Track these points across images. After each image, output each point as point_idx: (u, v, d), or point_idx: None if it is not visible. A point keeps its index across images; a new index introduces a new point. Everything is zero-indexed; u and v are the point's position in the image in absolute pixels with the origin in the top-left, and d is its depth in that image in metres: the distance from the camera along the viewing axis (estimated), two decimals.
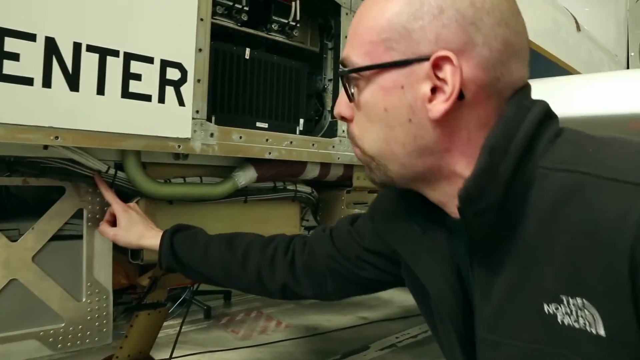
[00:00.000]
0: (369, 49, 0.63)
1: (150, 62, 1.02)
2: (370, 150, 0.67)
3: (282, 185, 1.42)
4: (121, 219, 1.10)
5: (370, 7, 0.65)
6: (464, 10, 0.58)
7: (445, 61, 0.58)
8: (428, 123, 0.61)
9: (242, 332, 3.16)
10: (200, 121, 1.11)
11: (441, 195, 0.66)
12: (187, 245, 1.06)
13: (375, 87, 0.63)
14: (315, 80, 1.53)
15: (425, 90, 0.60)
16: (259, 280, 1.01)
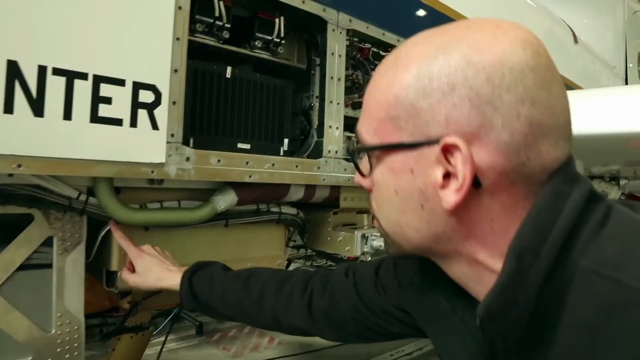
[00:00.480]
0: (377, 126, 0.57)
1: (122, 85, 0.97)
2: (385, 227, 0.63)
3: (266, 207, 1.38)
4: (137, 265, 1.10)
5: (380, 78, 0.59)
6: (478, 87, 0.50)
7: (455, 148, 0.51)
8: (442, 211, 0.54)
9: (233, 349, 3.10)
10: (176, 145, 1.07)
11: (461, 277, 0.60)
12: (206, 287, 1.04)
13: (385, 168, 0.58)
14: (302, 98, 1.49)
15: (436, 175, 0.53)
16: (277, 322, 0.98)
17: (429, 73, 0.53)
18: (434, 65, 0.52)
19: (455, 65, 0.51)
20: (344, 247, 1.45)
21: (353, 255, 1.42)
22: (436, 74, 0.52)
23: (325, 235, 1.51)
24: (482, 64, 0.50)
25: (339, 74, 1.44)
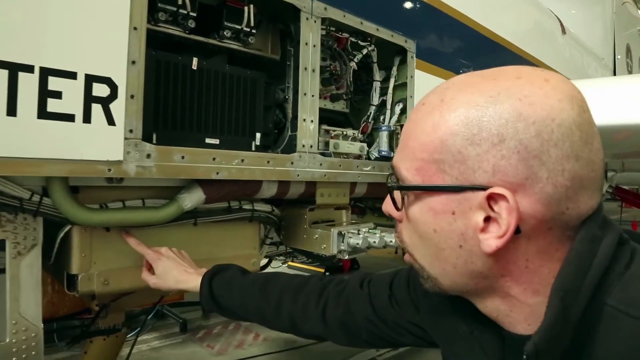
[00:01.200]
0: (420, 165, 0.59)
1: (73, 78, 0.91)
2: (421, 262, 0.65)
3: (237, 204, 1.32)
4: (156, 268, 1.13)
5: (424, 118, 0.59)
6: (527, 141, 0.52)
7: (501, 198, 0.54)
8: (480, 252, 0.57)
9: (217, 347, 3.06)
10: (135, 141, 1.00)
11: (492, 311, 0.63)
12: (225, 291, 1.07)
13: (424, 207, 0.60)
14: (276, 90, 1.43)
15: (477, 220, 0.56)
16: (293, 327, 1.02)
17: (478, 122, 0.54)
18: (485, 115, 0.54)
19: (507, 118, 0.53)
20: (320, 245, 1.40)
21: (329, 253, 1.37)
22: (486, 124, 0.54)
23: (301, 232, 1.45)
24: (533, 118, 0.53)
25: (313, 65, 1.38)
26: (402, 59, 1.74)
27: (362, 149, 1.60)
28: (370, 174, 1.56)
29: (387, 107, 1.74)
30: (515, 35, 2.56)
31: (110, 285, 1.14)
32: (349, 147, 1.56)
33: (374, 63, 1.72)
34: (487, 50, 2.28)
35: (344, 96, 1.66)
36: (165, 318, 3.46)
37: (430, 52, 1.84)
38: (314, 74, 1.38)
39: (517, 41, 2.56)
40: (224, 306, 1.08)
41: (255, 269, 1.42)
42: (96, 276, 1.11)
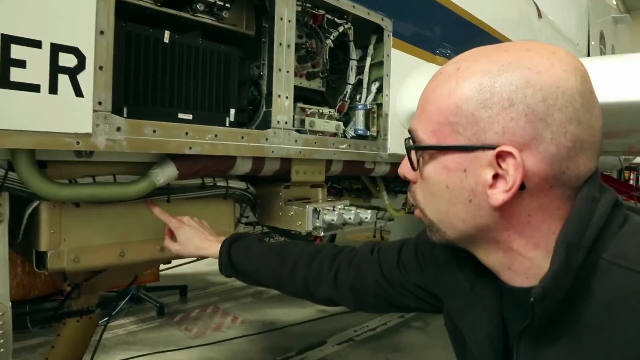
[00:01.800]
0: (436, 128, 0.66)
1: (37, 47, 0.87)
2: (431, 217, 0.71)
3: (212, 181, 1.30)
4: (178, 235, 1.20)
5: (440, 85, 0.66)
6: (535, 105, 0.59)
7: (509, 155, 0.60)
8: (488, 206, 0.64)
9: (195, 330, 3.05)
10: (104, 114, 0.98)
11: (495, 264, 0.70)
12: (243, 257, 1.15)
13: (438, 165, 0.67)
14: (250, 66, 1.41)
15: (487, 176, 0.62)
16: (307, 291, 1.09)
17: (491, 88, 0.61)
18: (496, 82, 0.61)
19: (516, 84, 0.60)
20: (295, 222, 1.39)
21: (305, 230, 1.37)
22: (498, 90, 0.60)
23: (276, 210, 1.44)
24: (540, 85, 0.59)
25: (288, 41, 1.36)
26: (379, 38, 1.73)
27: (338, 128, 1.60)
28: (346, 152, 1.55)
29: (364, 86, 1.74)
30: (492, 18, 2.57)
31: (81, 263, 1.12)
32: (325, 126, 1.56)
33: (351, 41, 1.71)
34: (463, 32, 2.29)
35: (320, 74, 1.64)
36: (142, 302, 3.43)
37: (407, 31, 1.83)
38: (289, 50, 1.37)
39: (494, 23, 2.57)
40: (242, 271, 1.15)
41: None
42: (66, 253, 1.09)
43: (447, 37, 2.13)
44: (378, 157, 1.69)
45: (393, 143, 1.73)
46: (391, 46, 1.73)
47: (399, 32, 1.76)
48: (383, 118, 1.72)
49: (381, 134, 1.71)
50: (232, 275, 1.17)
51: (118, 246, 1.17)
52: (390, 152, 1.72)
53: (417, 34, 1.91)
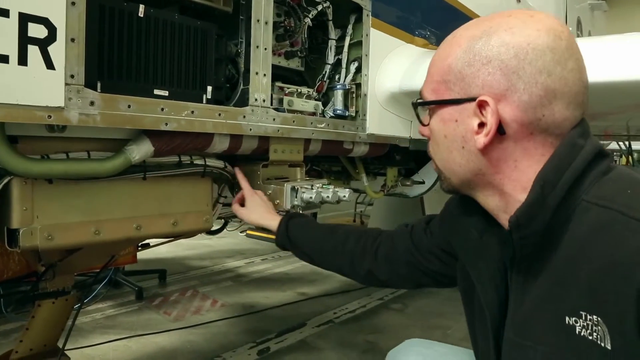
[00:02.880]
0: (435, 87, 0.79)
1: (5, 15, 0.85)
2: (439, 165, 0.84)
3: (189, 159, 1.29)
4: (248, 201, 1.36)
5: (440, 51, 0.80)
6: (508, 60, 0.70)
7: (486, 104, 0.71)
8: (476, 151, 0.74)
9: (174, 313, 3.04)
10: (77, 87, 0.96)
11: (493, 208, 0.79)
12: (300, 228, 1.29)
13: (438, 118, 0.79)
14: (227, 43, 1.39)
15: (473, 124, 0.73)
16: (351, 264, 1.20)
17: (473, 49, 0.73)
18: (478, 44, 0.73)
19: (493, 44, 0.71)
20: (274, 201, 1.39)
21: (283, 208, 1.37)
22: (478, 50, 0.72)
23: (255, 188, 1.43)
24: (512, 43, 0.70)
25: (266, 17, 1.35)
26: (358, 17, 1.72)
27: (317, 107, 1.59)
28: (324, 131, 1.55)
29: (343, 66, 1.73)
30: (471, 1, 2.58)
31: (55, 240, 1.10)
32: (304, 105, 1.55)
33: (330, 21, 1.70)
34: (443, 13, 2.29)
35: (299, 53, 1.63)
36: (120, 286, 3.41)
37: (386, 12, 1.82)
38: (267, 27, 1.35)
39: (473, 6, 2.57)
40: (295, 243, 1.28)
41: (208, 226, 1.41)
42: (39, 230, 1.07)
43: (427, 18, 2.13)
44: (357, 137, 1.69)
45: (372, 123, 1.73)
46: (370, 26, 1.72)
47: (378, 12, 1.76)
48: (362, 98, 1.72)
49: (360, 114, 1.71)
50: (287, 246, 1.30)
51: (93, 224, 1.15)
52: (369, 132, 1.72)
53: (397, 15, 1.91)
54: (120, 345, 2.54)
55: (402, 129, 1.88)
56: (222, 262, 4.32)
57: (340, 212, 6.86)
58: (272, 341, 2.65)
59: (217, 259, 4.43)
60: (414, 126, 1.96)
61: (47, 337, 1.67)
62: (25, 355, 1.63)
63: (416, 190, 2.38)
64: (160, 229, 1.29)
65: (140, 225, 1.23)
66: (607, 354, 0.62)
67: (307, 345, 2.62)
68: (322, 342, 2.65)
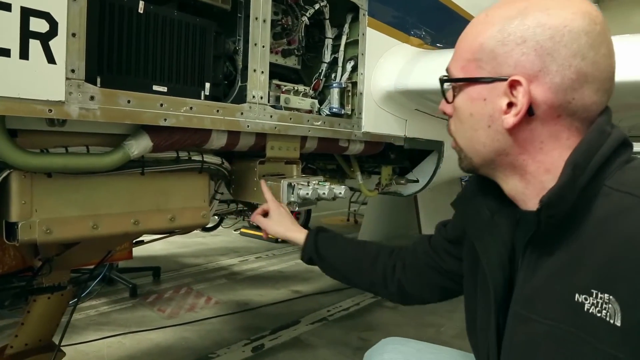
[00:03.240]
0: (464, 64, 0.79)
1: (7, 9, 0.85)
2: (461, 144, 0.84)
3: (187, 155, 1.30)
4: (273, 213, 1.35)
5: (471, 29, 0.79)
6: (543, 42, 0.70)
7: (518, 84, 0.71)
8: (503, 130, 0.75)
9: (168, 311, 3.05)
10: (78, 82, 0.97)
11: (511, 188, 0.80)
12: (328, 243, 1.28)
13: (465, 96, 0.79)
14: (225, 41, 1.40)
15: (502, 104, 0.74)
16: (384, 280, 1.20)
17: (508, 29, 0.72)
18: (513, 23, 0.72)
19: (529, 24, 0.71)
20: None
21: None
22: (513, 30, 0.72)
23: (251, 185, 1.45)
24: (549, 24, 0.70)
25: (264, 15, 1.36)
26: (355, 17, 1.74)
27: (313, 105, 1.61)
28: (321, 129, 1.57)
29: (339, 65, 1.75)
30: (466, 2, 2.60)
31: (54, 234, 1.11)
32: (300, 103, 1.56)
33: (326, 20, 1.71)
34: (438, 14, 2.31)
35: (296, 52, 1.64)
36: (114, 284, 3.40)
37: (382, 11, 1.84)
38: (265, 25, 1.37)
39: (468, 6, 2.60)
40: (324, 256, 1.26)
41: (205, 222, 1.41)
42: (38, 224, 1.07)
43: (422, 18, 2.15)
44: (352, 134, 1.71)
45: (367, 121, 1.75)
46: (367, 25, 1.74)
47: (374, 11, 1.77)
48: (358, 97, 1.74)
49: (355, 112, 1.73)
50: (314, 261, 1.28)
51: (91, 218, 1.16)
52: (364, 130, 1.74)
53: (392, 15, 1.92)
54: (114, 341, 2.54)
55: (397, 128, 1.90)
56: (216, 260, 4.33)
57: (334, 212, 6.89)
58: (266, 338, 2.66)
59: (211, 257, 4.43)
60: (409, 125, 1.98)
61: (42, 332, 1.68)
62: (20, 350, 1.63)
63: (410, 189, 2.40)
64: (157, 224, 1.30)
65: (138, 220, 1.24)
66: (616, 330, 0.63)
67: (301, 342, 2.64)
68: (316, 340, 2.67)
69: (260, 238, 5.22)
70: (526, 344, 0.76)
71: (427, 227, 4.13)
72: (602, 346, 0.65)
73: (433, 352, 1.15)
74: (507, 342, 0.80)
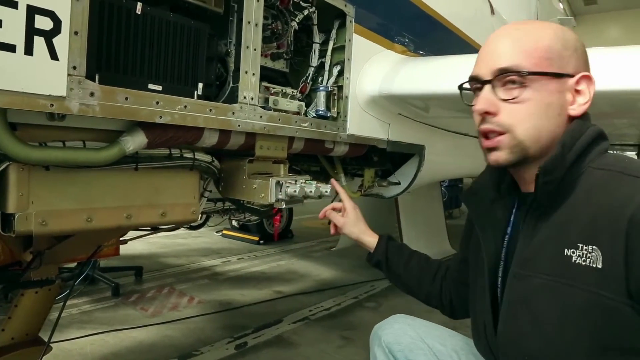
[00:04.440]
0: (537, 61, 0.89)
1: (14, 7, 0.90)
2: (522, 134, 0.90)
3: (179, 152, 1.34)
4: (351, 214, 1.41)
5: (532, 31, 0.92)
6: (582, 52, 0.93)
7: (584, 79, 0.90)
8: (566, 118, 0.91)
9: (151, 309, 3.06)
10: (79, 78, 1.01)
11: (529, 177, 0.93)
12: (397, 251, 1.36)
13: (542, 88, 0.89)
14: (218, 43, 1.45)
15: (569, 96, 0.90)
16: (440, 294, 1.29)
17: (562, 38, 0.91)
18: (564, 34, 0.92)
19: (572, 37, 0.93)
20: (258, 195, 1.45)
21: (268, 202, 1.43)
22: (566, 40, 0.91)
23: (240, 183, 1.50)
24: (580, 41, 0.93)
25: (256, 20, 1.42)
26: (342, 23, 1.81)
27: (301, 108, 1.67)
28: (308, 130, 1.63)
29: (326, 69, 1.81)
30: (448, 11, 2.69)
31: (49, 226, 1.14)
32: (288, 105, 1.62)
33: (314, 25, 1.77)
34: (422, 23, 2.39)
35: (285, 55, 1.70)
36: (96, 283, 3.40)
37: (368, 19, 1.91)
38: (257, 29, 1.42)
39: (450, 16, 2.69)
40: (391, 263, 1.34)
41: (195, 218, 1.46)
42: (34, 216, 1.11)
43: (406, 26, 2.23)
44: (338, 136, 1.77)
45: (352, 124, 1.81)
46: (353, 32, 1.81)
47: (360, 18, 1.84)
48: (343, 100, 1.80)
49: (341, 115, 1.79)
50: (381, 265, 1.36)
51: (86, 211, 1.20)
52: (349, 132, 1.80)
53: (378, 22, 2.00)
54: (97, 339, 2.55)
55: (380, 131, 1.97)
56: (198, 261, 4.34)
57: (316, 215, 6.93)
58: (249, 336, 2.69)
59: (193, 258, 4.44)
60: (392, 129, 2.05)
61: (29, 327, 1.69)
62: (6, 344, 1.64)
63: (392, 191, 2.47)
64: (149, 219, 1.34)
65: (130, 214, 1.28)
66: (598, 272, 0.78)
67: (283, 340, 2.68)
68: (298, 338, 2.71)
69: (242, 240, 5.25)
70: (523, 298, 0.89)
71: (408, 231, 4.21)
72: (588, 287, 0.79)
73: (438, 328, 1.26)
74: (506, 300, 0.93)
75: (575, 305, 0.80)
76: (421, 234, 4.40)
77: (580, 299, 0.80)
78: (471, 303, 1.09)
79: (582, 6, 11.45)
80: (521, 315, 0.89)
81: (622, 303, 0.76)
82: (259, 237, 5.18)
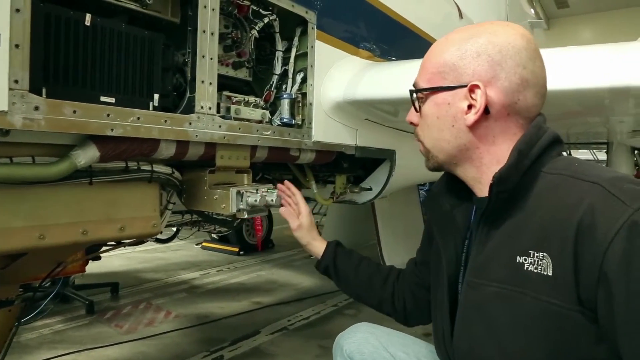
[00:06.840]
0: (430, 77, 0.95)
1: None
2: (428, 145, 0.99)
3: (136, 165, 1.32)
4: (305, 219, 1.44)
5: (435, 49, 0.96)
6: (493, 55, 0.88)
7: (477, 88, 0.88)
8: (465, 128, 0.91)
9: (126, 326, 3.01)
10: (21, 92, 0.98)
11: (470, 179, 0.96)
12: (346, 257, 1.37)
13: (431, 103, 0.95)
14: (175, 53, 1.43)
15: (463, 106, 0.90)
16: (392, 299, 1.28)
17: (464, 47, 0.90)
18: (468, 43, 0.90)
19: (481, 42, 0.89)
20: (220, 205, 1.43)
21: (229, 212, 1.41)
22: (469, 47, 0.90)
23: (202, 194, 1.47)
24: (497, 42, 0.88)
25: (212, 29, 1.40)
26: (304, 30, 1.80)
27: (264, 116, 1.65)
28: (270, 138, 1.61)
29: (289, 76, 1.80)
30: (415, 16, 2.70)
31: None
32: (251, 114, 1.60)
33: (277, 33, 1.77)
34: (387, 28, 2.40)
35: (247, 64, 1.69)
36: (69, 301, 3.33)
37: (331, 25, 1.91)
38: (213, 38, 1.41)
39: (417, 21, 2.71)
40: (340, 269, 1.35)
41: (156, 232, 1.43)
42: None
43: (371, 32, 2.23)
44: (303, 144, 1.76)
45: (317, 131, 1.80)
46: (315, 38, 1.80)
47: (323, 25, 1.84)
48: (307, 107, 1.79)
49: (306, 122, 1.78)
50: (329, 271, 1.36)
51: (37, 229, 1.16)
52: (314, 139, 1.79)
53: (341, 28, 2.00)
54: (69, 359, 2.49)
55: (347, 137, 1.97)
56: (176, 274, 4.29)
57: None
58: (225, 349, 2.66)
59: (171, 271, 4.38)
60: (360, 134, 2.05)
61: None
62: None
63: (364, 197, 2.46)
64: (107, 234, 1.31)
65: (86, 230, 1.25)
66: (548, 279, 0.77)
67: (260, 352, 2.65)
68: (276, 349, 2.68)
69: (222, 252, 5.20)
70: (477, 306, 0.89)
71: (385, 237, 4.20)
72: (539, 295, 0.78)
73: (401, 336, 1.25)
74: (461, 309, 0.94)
75: (527, 314, 0.80)
76: (400, 239, 4.40)
77: (532, 306, 0.79)
78: (432, 310, 1.08)
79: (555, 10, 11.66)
80: (476, 323, 0.88)
81: (572, 310, 0.75)
82: (239, 247, 5.14)
